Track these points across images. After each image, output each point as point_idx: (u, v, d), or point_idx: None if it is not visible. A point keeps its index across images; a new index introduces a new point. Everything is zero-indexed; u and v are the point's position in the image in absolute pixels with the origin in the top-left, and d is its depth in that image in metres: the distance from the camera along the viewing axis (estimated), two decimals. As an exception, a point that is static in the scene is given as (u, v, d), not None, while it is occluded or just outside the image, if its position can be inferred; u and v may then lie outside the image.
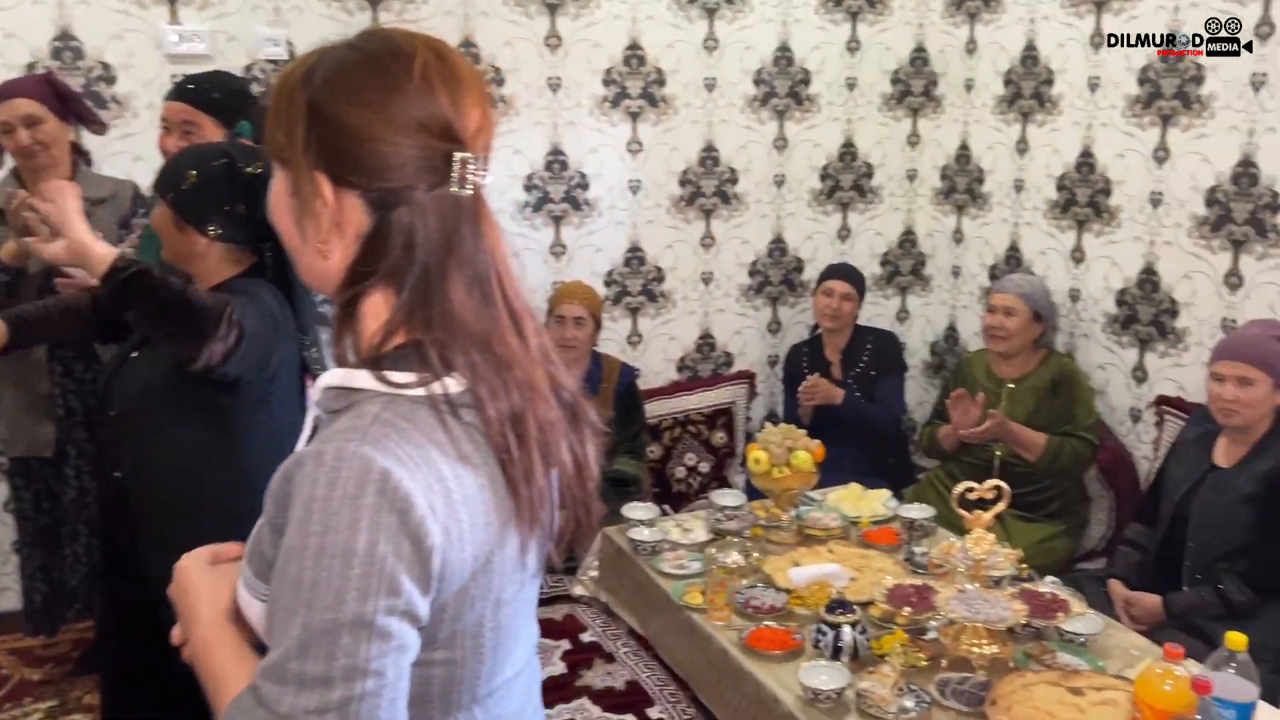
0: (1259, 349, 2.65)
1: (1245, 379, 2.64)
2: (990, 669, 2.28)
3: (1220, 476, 2.74)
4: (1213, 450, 2.81)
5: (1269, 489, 2.62)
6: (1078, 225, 3.70)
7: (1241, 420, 2.67)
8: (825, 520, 3.10)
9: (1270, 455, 2.65)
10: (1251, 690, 1.82)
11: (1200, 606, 2.68)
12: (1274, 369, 2.63)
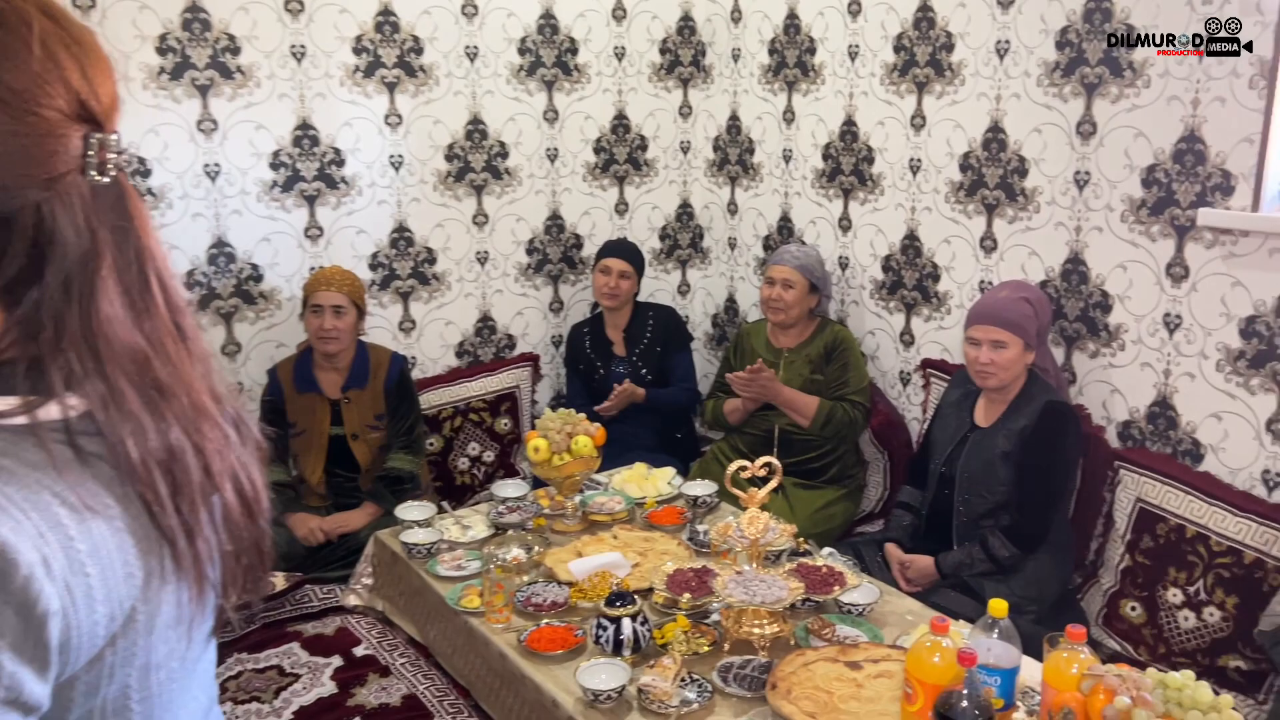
0: (1009, 312, 2.73)
1: (998, 342, 2.72)
2: (772, 649, 2.25)
3: (980, 436, 2.82)
4: (973, 411, 2.89)
5: (1024, 446, 2.72)
6: (844, 194, 3.75)
7: (996, 381, 2.75)
8: (610, 505, 3.01)
9: (1024, 413, 2.75)
10: (1015, 655, 1.84)
11: (969, 564, 2.75)
12: (1024, 331, 2.72)
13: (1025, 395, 2.77)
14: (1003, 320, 2.73)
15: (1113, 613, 2.80)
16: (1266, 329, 2.62)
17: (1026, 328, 2.73)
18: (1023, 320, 2.73)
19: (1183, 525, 2.69)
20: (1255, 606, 2.50)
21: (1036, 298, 2.82)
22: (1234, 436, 2.73)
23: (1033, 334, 2.74)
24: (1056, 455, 2.72)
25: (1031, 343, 2.75)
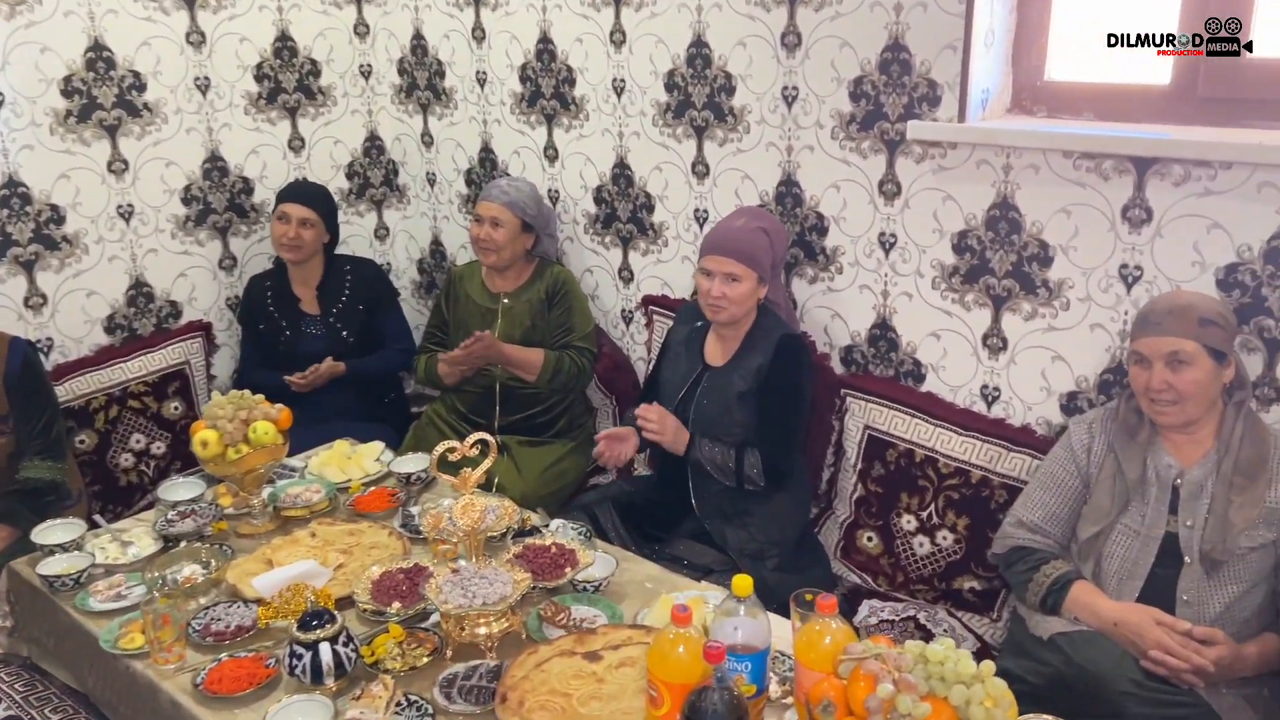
0: (745, 244, 2.53)
1: (732, 275, 2.52)
2: (501, 648, 1.97)
3: (715, 376, 2.64)
4: (703, 349, 2.70)
5: (761, 384, 2.56)
6: (547, 120, 3.42)
7: (728, 315, 2.56)
8: (306, 495, 2.59)
9: (760, 350, 2.58)
10: (765, 634, 1.65)
11: (718, 463, 2.56)
12: (759, 263, 2.53)
13: (759, 330, 2.61)
14: (738, 252, 2.52)
15: (850, 545, 2.74)
16: (978, 243, 2.57)
17: (761, 260, 2.54)
18: (758, 252, 2.54)
19: (911, 450, 2.64)
20: (985, 525, 2.49)
21: (774, 228, 2.63)
22: (953, 354, 2.70)
23: (767, 266, 2.56)
24: (795, 390, 2.58)
25: (766, 275, 2.57)
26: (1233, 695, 1.96)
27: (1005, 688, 1.39)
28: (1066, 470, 2.22)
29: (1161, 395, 2.03)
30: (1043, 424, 2.57)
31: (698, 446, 2.58)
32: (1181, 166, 2.22)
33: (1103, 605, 2.06)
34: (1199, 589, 2.03)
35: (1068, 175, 2.38)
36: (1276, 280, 2.16)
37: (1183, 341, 2.00)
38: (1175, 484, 2.08)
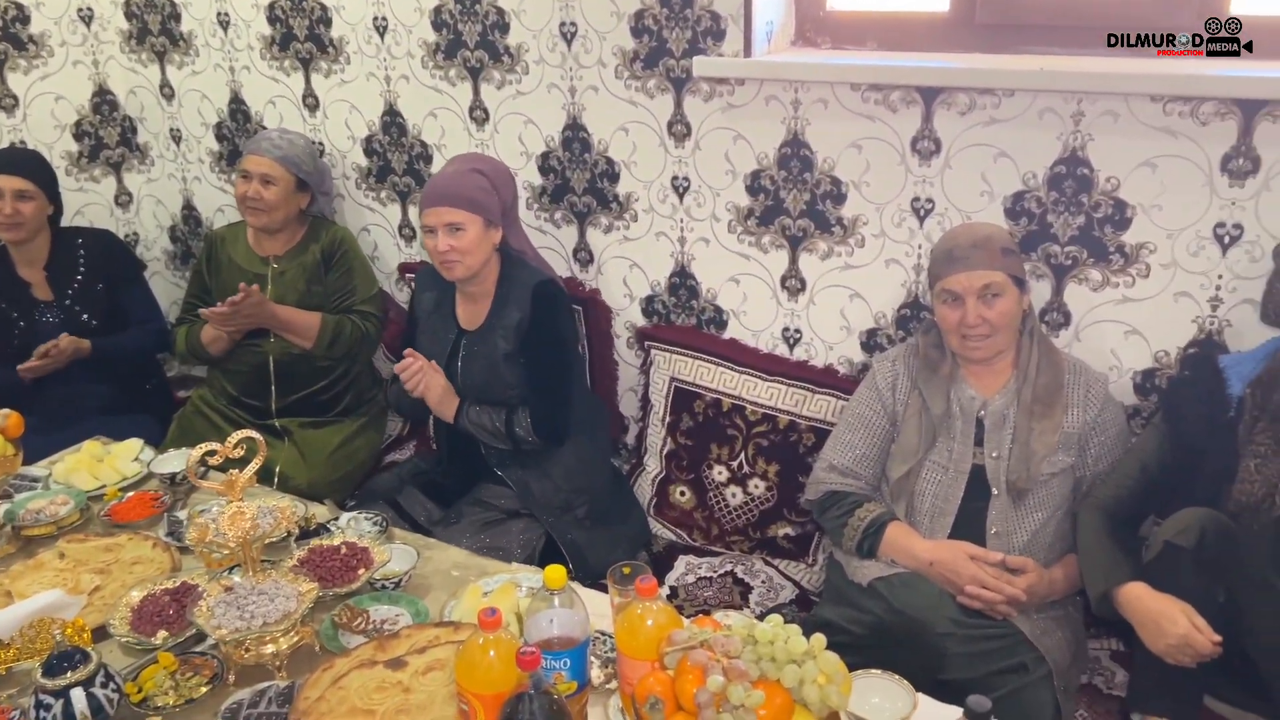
0: (461, 188, 2.33)
1: (455, 225, 2.32)
2: (292, 665, 1.75)
3: (473, 341, 2.45)
4: (455, 313, 2.50)
5: (524, 340, 2.39)
6: (303, 65, 3.10)
7: (464, 270, 2.36)
8: (51, 509, 2.25)
9: (514, 304, 2.41)
10: (582, 625, 1.52)
11: (488, 428, 2.40)
12: (482, 207, 2.34)
13: (509, 283, 2.43)
14: (454, 197, 2.32)
15: (663, 500, 2.65)
16: (771, 183, 2.49)
17: (484, 203, 2.35)
18: (478, 194, 2.34)
19: (718, 399, 2.57)
20: (796, 470, 2.45)
21: (493, 169, 2.45)
22: (753, 298, 2.63)
23: (495, 210, 2.37)
24: (559, 340, 2.43)
25: (495, 219, 2.38)
26: (1042, 619, 2.00)
27: (837, 661, 1.31)
28: (873, 409, 2.19)
29: (975, 330, 2.01)
30: (845, 363, 2.55)
31: (465, 413, 2.41)
32: (966, 95, 2.20)
33: (917, 545, 2.05)
34: (1007, 519, 2.05)
35: (857, 108, 2.32)
36: (1060, 207, 2.18)
37: (992, 274, 1.99)
38: (979, 416, 2.09)
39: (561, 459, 2.45)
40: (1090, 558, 1.93)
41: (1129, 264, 2.16)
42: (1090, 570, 1.92)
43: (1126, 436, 2.11)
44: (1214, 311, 2.11)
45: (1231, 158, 1.99)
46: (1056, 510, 2.07)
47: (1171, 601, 1.75)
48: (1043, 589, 2.00)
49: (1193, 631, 1.71)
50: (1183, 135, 2.02)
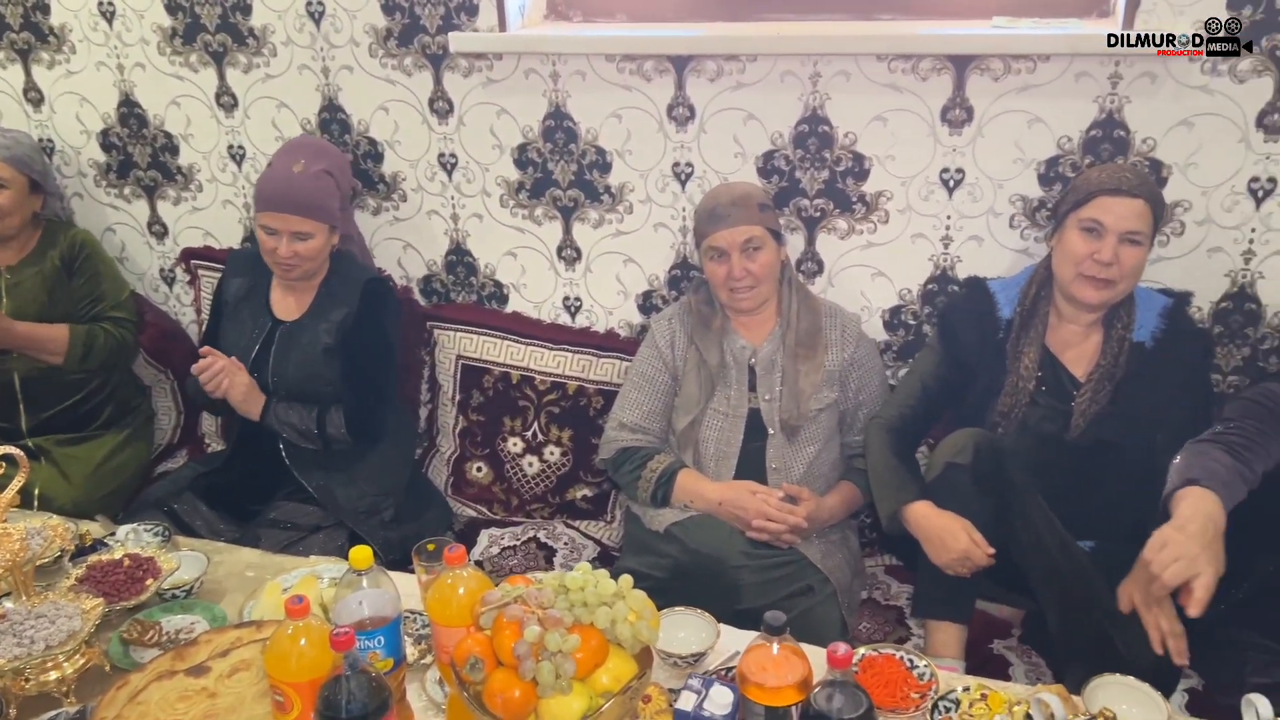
0: (312, 195, 2.27)
1: (301, 233, 2.26)
2: (80, 689, 1.66)
3: (290, 332, 2.38)
4: (270, 301, 2.42)
5: (346, 335, 2.35)
6: (21, 56, 2.85)
7: (302, 273, 2.32)
8: None
9: (342, 299, 2.36)
10: (394, 601, 1.52)
11: (298, 427, 2.33)
12: (330, 212, 2.28)
13: (338, 278, 2.38)
14: (304, 206, 2.25)
15: (460, 479, 2.66)
16: (538, 155, 2.53)
17: (331, 208, 2.30)
18: (328, 202, 2.30)
19: (507, 372, 2.60)
20: (588, 434, 2.52)
21: (336, 165, 2.38)
22: (531, 271, 2.67)
23: (338, 211, 2.33)
24: (382, 339, 2.40)
25: (338, 223, 2.33)
26: (823, 543, 2.17)
27: (645, 598, 1.39)
28: (655, 368, 2.29)
29: (741, 282, 2.14)
30: (625, 326, 2.64)
31: (273, 411, 2.34)
32: (714, 62, 2.32)
33: (706, 488, 2.17)
34: (783, 455, 2.20)
35: (614, 79, 2.40)
36: (806, 163, 2.35)
37: (752, 228, 2.12)
38: (751, 363, 2.22)
39: (368, 461, 2.41)
40: (879, 479, 2.08)
41: (870, 212, 2.35)
42: (880, 491, 2.06)
43: (881, 368, 2.31)
44: (946, 249, 2.34)
45: (949, 109, 2.21)
46: (827, 442, 2.24)
47: (953, 518, 1.91)
48: (821, 515, 2.17)
49: (972, 546, 1.89)
50: (907, 90, 2.22)
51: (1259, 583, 1.86)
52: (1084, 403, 2.01)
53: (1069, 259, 1.97)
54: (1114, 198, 1.92)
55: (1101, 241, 1.92)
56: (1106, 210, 1.92)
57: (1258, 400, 1.79)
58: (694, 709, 1.34)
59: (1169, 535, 1.53)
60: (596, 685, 1.34)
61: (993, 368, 2.08)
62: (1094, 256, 1.92)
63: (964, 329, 2.12)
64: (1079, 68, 2.10)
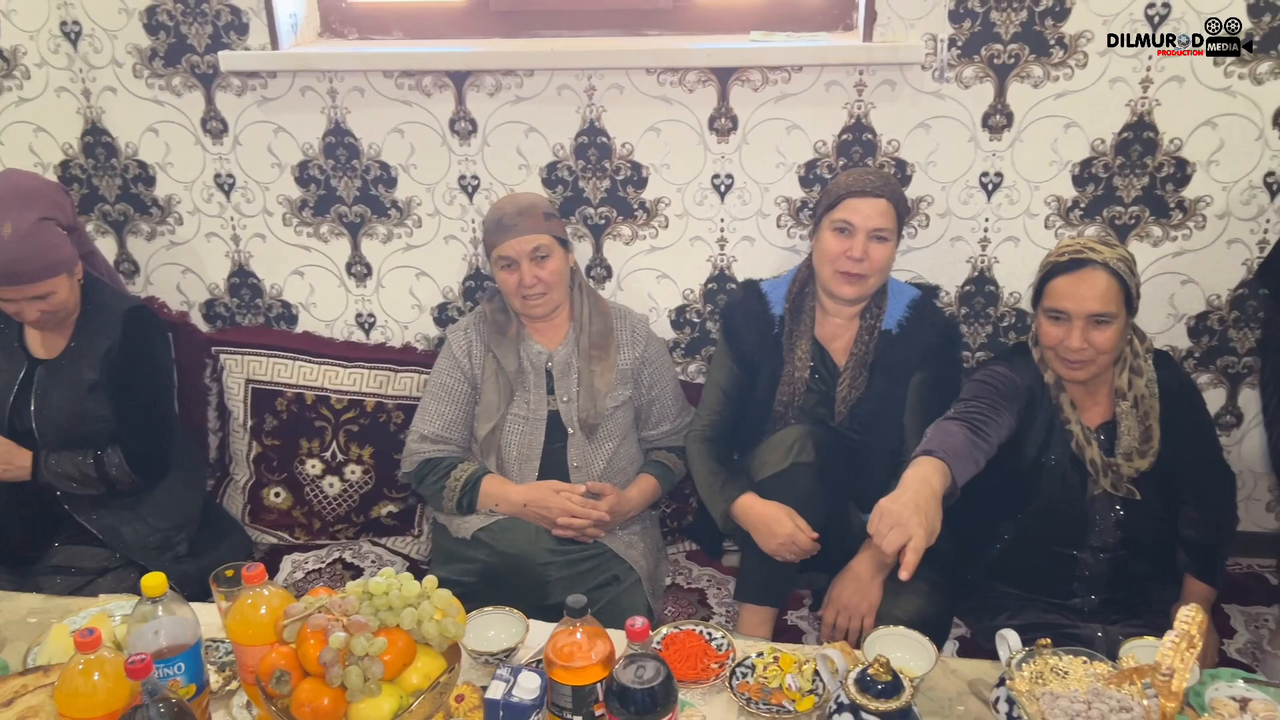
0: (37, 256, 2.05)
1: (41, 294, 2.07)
2: None
3: (51, 371, 2.23)
4: (23, 340, 2.26)
5: (112, 369, 2.22)
6: None
7: (58, 322, 2.17)
8: None
9: (102, 330, 2.22)
10: (192, 629, 1.50)
11: (75, 475, 2.20)
12: (64, 262, 2.10)
13: (94, 308, 2.24)
14: (32, 272, 2.05)
15: (258, 506, 2.59)
16: (320, 172, 2.52)
17: (62, 257, 2.10)
18: (54, 253, 2.08)
19: (301, 394, 2.56)
20: (390, 449, 2.52)
21: (50, 202, 2.13)
22: (320, 289, 2.64)
23: (70, 252, 2.14)
24: (154, 366, 2.31)
25: (73, 267, 2.15)
26: (626, 535, 2.26)
27: (450, 596, 1.43)
28: (453, 377, 2.32)
29: (532, 289, 2.20)
30: (421, 339, 2.65)
31: (44, 466, 2.19)
32: (492, 77, 2.38)
33: (511, 491, 2.22)
34: (584, 453, 2.28)
35: (393, 95, 2.42)
36: (588, 173, 2.44)
37: (539, 237, 2.19)
38: (547, 367, 2.29)
39: (153, 496, 2.30)
40: (705, 486, 2.21)
41: (651, 218, 2.47)
42: (709, 496, 2.18)
43: (671, 364, 2.43)
44: (722, 250, 2.49)
45: (716, 118, 2.36)
46: (624, 438, 2.34)
47: (777, 507, 2.04)
48: (624, 508, 2.26)
49: (796, 531, 2.02)
50: (676, 102, 2.35)
51: (1008, 543, 2.09)
52: (844, 389, 2.19)
53: (825, 257, 2.15)
54: (860, 199, 2.10)
55: (853, 240, 2.10)
56: (855, 211, 2.10)
57: (987, 381, 1.99)
58: (503, 696, 1.39)
59: (884, 506, 1.62)
60: (406, 685, 1.37)
61: (772, 362, 2.23)
62: (847, 254, 2.10)
63: (743, 329, 2.27)
64: (828, 77, 2.29)
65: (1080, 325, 1.89)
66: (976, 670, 1.71)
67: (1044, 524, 2.03)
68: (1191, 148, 2.27)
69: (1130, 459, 1.97)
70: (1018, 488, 2.03)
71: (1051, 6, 2.17)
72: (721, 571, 2.45)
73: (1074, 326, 1.89)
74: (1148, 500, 1.99)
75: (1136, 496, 1.98)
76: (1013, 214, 2.36)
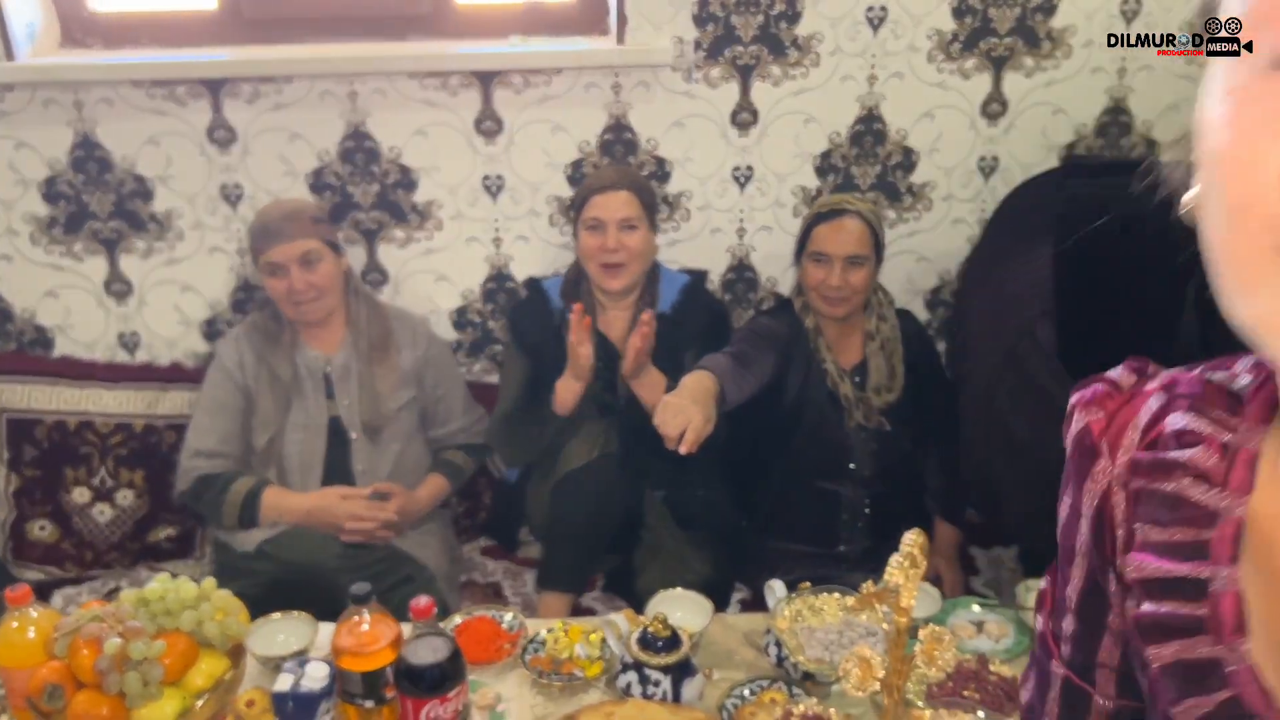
0: None
1: None
2: None
3: None
4: None
5: None
6: None
7: None
8: None
9: None
10: None
11: None
12: None
13: None
14: None
15: (21, 542, 2.44)
16: (70, 187, 2.41)
17: None
18: None
19: (62, 421, 2.43)
20: (164, 471, 2.42)
21: None
22: (76, 311, 2.52)
23: None
24: None
25: None
26: (418, 534, 2.28)
27: (230, 595, 1.43)
28: (226, 390, 2.27)
29: (304, 295, 2.19)
30: (190, 356, 2.58)
31: None
32: (250, 85, 2.35)
33: (293, 501, 2.20)
34: (369, 457, 2.29)
35: (145, 105, 2.35)
36: (357, 177, 2.45)
37: (309, 242, 2.18)
38: (325, 373, 2.28)
39: None
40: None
41: (425, 220, 2.51)
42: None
43: (454, 364, 2.47)
44: (498, 250, 2.55)
45: (481, 120, 2.42)
46: (410, 439, 2.36)
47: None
48: (413, 508, 2.28)
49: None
50: (441, 105, 2.40)
51: (779, 484, 2.27)
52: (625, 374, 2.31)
53: (586, 255, 2.26)
54: (603, 194, 2.22)
55: (606, 234, 2.22)
56: (601, 207, 2.22)
57: (752, 329, 2.23)
58: (291, 688, 1.40)
59: (665, 400, 1.81)
60: (190, 686, 1.36)
61: (558, 353, 2.31)
62: (603, 247, 2.22)
63: (529, 327, 2.34)
64: (587, 79, 2.40)
65: (840, 265, 2.13)
66: (751, 623, 1.85)
67: (808, 458, 2.23)
68: (915, 137, 2.52)
69: (879, 394, 2.22)
70: (783, 423, 2.24)
71: (785, 10, 2.36)
72: (517, 564, 2.51)
73: (834, 267, 2.14)
74: (896, 433, 2.24)
75: (886, 427, 2.23)
76: (764, 205, 2.55)
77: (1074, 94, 2.49)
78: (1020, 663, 1.66)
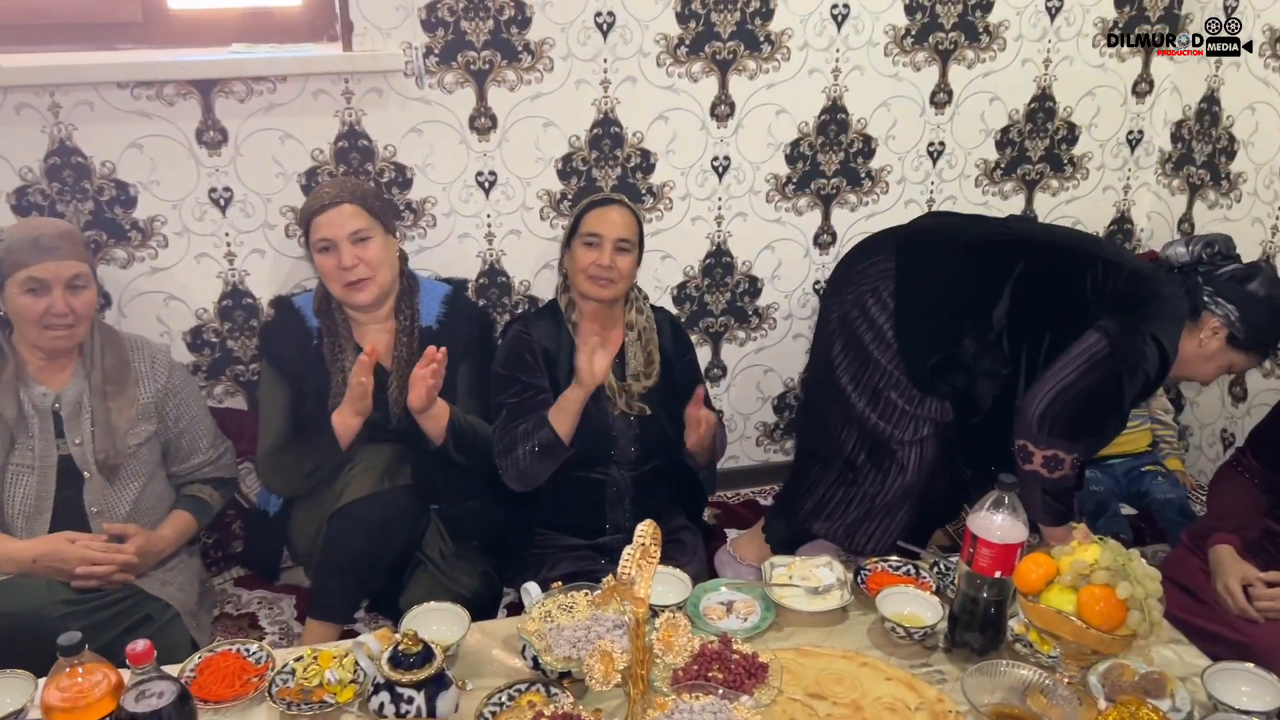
0: None
1: None
2: None
3: None
4: None
5: None
6: None
7: None
8: None
9: None
10: None
11: None
12: None
13: None
14: None
15: None
16: None
17: None
18: None
19: None
20: None
21: None
22: None
23: None
24: None
25: None
26: (160, 572, 2.14)
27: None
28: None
29: (63, 319, 2.01)
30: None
31: None
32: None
33: (14, 549, 2.02)
34: (104, 497, 2.12)
35: None
36: (66, 196, 2.28)
37: (81, 265, 2.03)
38: (55, 409, 2.10)
39: None
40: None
41: (147, 238, 2.36)
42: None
43: (198, 391, 2.32)
44: (232, 265, 2.44)
45: (203, 131, 2.30)
46: (151, 477, 2.20)
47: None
48: (155, 547, 2.14)
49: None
50: (157, 116, 2.26)
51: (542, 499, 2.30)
52: (394, 391, 2.24)
53: (326, 277, 2.20)
54: (324, 213, 2.17)
55: (340, 253, 2.16)
56: (326, 226, 2.16)
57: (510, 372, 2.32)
58: (-8, 757, 1.29)
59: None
60: None
61: (318, 373, 2.23)
62: (340, 266, 2.17)
63: (284, 346, 2.25)
64: (315, 86, 2.32)
65: (610, 247, 2.24)
66: (508, 627, 1.85)
67: (577, 447, 2.26)
68: (874, 125, 2.70)
69: (638, 379, 2.32)
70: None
71: (515, 16, 2.38)
72: (274, 592, 2.41)
73: (605, 248, 2.24)
74: (657, 416, 2.34)
75: (648, 412, 2.32)
76: (510, 209, 2.56)
77: (1007, 83, 2.75)
78: (766, 638, 1.75)
